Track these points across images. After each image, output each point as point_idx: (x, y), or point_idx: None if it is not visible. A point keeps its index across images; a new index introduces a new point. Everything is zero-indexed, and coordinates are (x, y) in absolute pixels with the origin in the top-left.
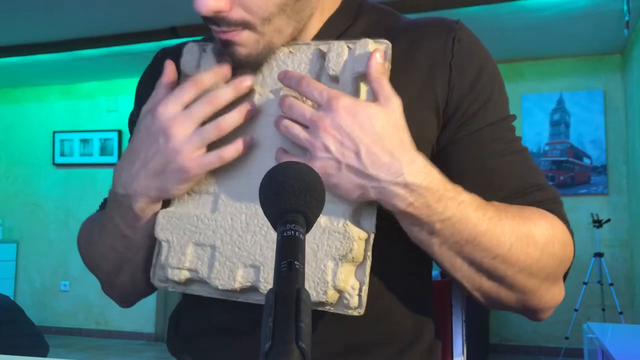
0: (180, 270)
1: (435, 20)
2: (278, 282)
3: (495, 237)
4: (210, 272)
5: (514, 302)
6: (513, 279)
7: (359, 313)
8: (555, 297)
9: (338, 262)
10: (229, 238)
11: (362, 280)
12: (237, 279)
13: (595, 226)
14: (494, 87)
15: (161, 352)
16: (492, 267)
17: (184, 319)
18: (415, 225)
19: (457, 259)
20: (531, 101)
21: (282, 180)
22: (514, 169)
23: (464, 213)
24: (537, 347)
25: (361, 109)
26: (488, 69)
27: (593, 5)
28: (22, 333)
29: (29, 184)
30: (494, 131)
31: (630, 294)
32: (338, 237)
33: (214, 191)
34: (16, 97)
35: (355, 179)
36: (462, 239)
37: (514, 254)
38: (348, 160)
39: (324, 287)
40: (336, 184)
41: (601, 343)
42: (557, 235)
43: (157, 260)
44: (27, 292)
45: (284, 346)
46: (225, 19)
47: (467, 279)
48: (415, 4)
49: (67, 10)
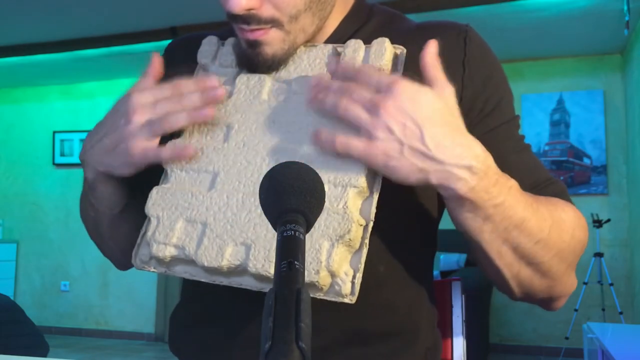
0: (165, 245)
1: (445, 22)
2: (278, 282)
3: (537, 222)
4: (197, 249)
5: (544, 290)
6: (549, 264)
7: (351, 301)
8: (573, 284)
9: (334, 243)
10: (222, 215)
11: (356, 267)
12: (225, 256)
13: (595, 226)
14: (505, 87)
15: (161, 352)
16: (534, 252)
17: (183, 312)
18: (470, 212)
19: (503, 246)
20: (531, 101)
21: (282, 180)
22: (526, 165)
23: (513, 198)
24: (537, 347)
25: (422, 93)
26: (498, 69)
27: (593, 5)
28: (22, 333)
29: (29, 184)
30: (507, 129)
31: (630, 294)
32: (336, 218)
33: (212, 169)
34: (16, 97)
35: (417, 162)
36: (511, 224)
37: (552, 238)
38: (412, 142)
39: (317, 266)
40: (396, 166)
41: (601, 343)
42: (580, 221)
43: (142, 240)
44: (27, 292)
45: (284, 346)
46: (255, 16)
47: (508, 266)
48: (415, 4)
49: (67, 10)
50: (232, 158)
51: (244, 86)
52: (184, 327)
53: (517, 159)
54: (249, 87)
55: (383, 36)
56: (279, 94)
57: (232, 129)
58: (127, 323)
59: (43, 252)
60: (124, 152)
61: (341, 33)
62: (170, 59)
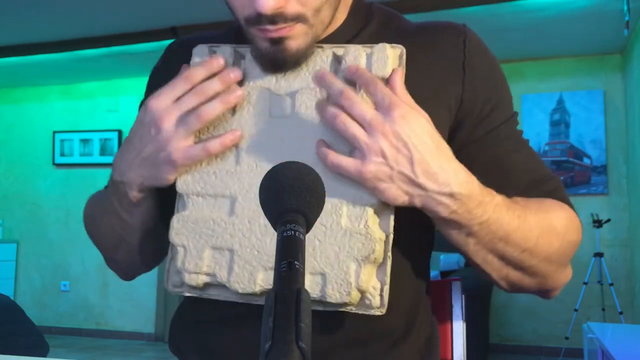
0: (197, 275)
1: (443, 24)
2: (278, 282)
3: (524, 233)
4: (229, 276)
5: (534, 286)
6: (537, 267)
7: (381, 312)
8: (567, 276)
9: (360, 263)
10: (247, 241)
11: (383, 280)
12: (257, 282)
13: (595, 226)
14: (504, 85)
15: (161, 352)
16: (520, 259)
17: (187, 313)
18: (454, 229)
19: (489, 255)
20: (531, 101)
21: (282, 180)
22: (526, 163)
23: (498, 215)
24: (537, 347)
25: (415, 117)
26: (497, 68)
27: (593, 5)
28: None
29: (29, 184)
30: (507, 128)
31: (630, 294)
32: (360, 239)
33: (230, 194)
34: (16, 97)
35: (404, 186)
36: (495, 237)
37: (539, 246)
38: (401, 167)
39: (348, 288)
40: (384, 188)
41: (601, 343)
42: (572, 223)
43: (171, 265)
44: (27, 292)
45: (284, 346)
46: (282, 14)
47: (496, 271)
48: (414, 4)
49: (67, 10)
50: (247, 181)
51: (245, 102)
52: (185, 328)
53: (515, 158)
54: (252, 103)
55: (384, 36)
56: (283, 108)
57: (241, 150)
58: (127, 323)
59: (43, 252)
60: (166, 159)
61: (345, 32)
62: (170, 60)
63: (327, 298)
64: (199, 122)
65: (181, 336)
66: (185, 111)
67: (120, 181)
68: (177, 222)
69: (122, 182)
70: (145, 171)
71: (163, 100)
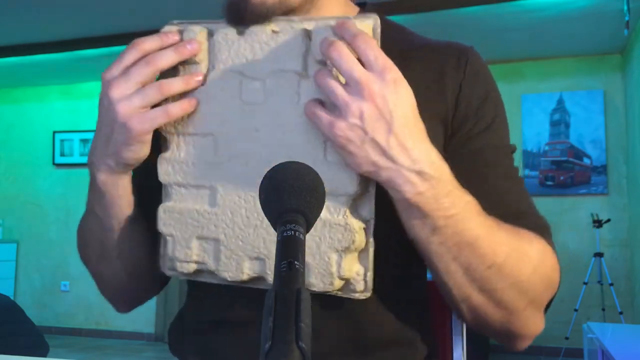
0: (188, 263)
1: (449, 43)
2: (278, 282)
3: (492, 245)
4: (217, 265)
5: (498, 322)
6: (502, 293)
7: (365, 296)
8: (537, 325)
9: (341, 254)
10: (231, 232)
11: (366, 265)
12: (244, 270)
13: (595, 226)
14: (498, 113)
15: (161, 352)
16: (486, 277)
17: (187, 316)
18: (418, 219)
19: (453, 263)
20: (531, 101)
21: (282, 180)
22: (509, 194)
23: (468, 213)
24: (537, 347)
25: (406, 85)
26: (494, 95)
27: (593, 5)
28: (22, 333)
29: (29, 184)
30: (494, 153)
31: (630, 294)
32: (339, 230)
33: (210, 185)
34: (16, 97)
35: (373, 155)
36: (462, 240)
37: (508, 266)
38: (376, 135)
39: (330, 278)
40: (352, 152)
41: (601, 343)
42: (548, 258)
43: (164, 251)
44: (27, 292)
45: (284, 346)
46: None
47: (458, 287)
48: (414, 4)
49: (67, 10)
50: (226, 172)
51: (217, 89)
52: (186, 331)
53: (496, 184)
54: (223, 89)
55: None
56: (255, 95)
57: (217, 140)
58: (127, 323)
59: (43, 252)
60: (121, 129)
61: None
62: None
63: (311, 287)
64: (158, 94)
65: (182, 339)
66: (135, 78)
67: (90, 164)
68: (162, 212)
69: (91, 165)
70: (106, 149)
71: (112, 70)
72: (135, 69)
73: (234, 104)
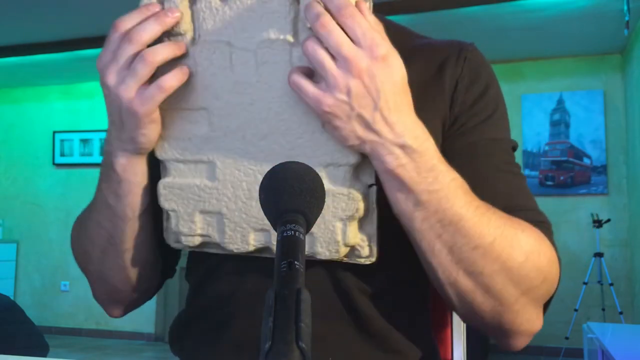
0: (192, 237)
1: (450, 41)
2: (278, 282)
3: (479, 226)
4: (222, 238)
5: (488, 312)
6: (491, 279)
7: (371, 261)
8: (532, 321)
9: (345, 222)
10: (234, 205)
11: (371, 232)
12: (250, 242)
13: (595, 226)
14: (496, 108)
15: (161, 352)
16: (472, 258)
17: (186, 316)
18: (401, 192)
19: (437, 242)
20: (531, 101)
21: (282, 180)
22: (506, 187)
23: (452, 190)
24: (537, 347)
25: (393, 58)
26: (492, 90)
27: (593, 5)
28: (22, 333)
29: (29, 184)
30: (490, 146)
31: (630, 294)
32: (342, 199)
33: (208, 159)
34: (16, 97)
35: (358, 129)
36: (445, 218)
37: (495, 249)
38: (362, 110)
39: (335, 246)
40: (338, 126)
41: (601, 343)
42: (544, 249)
43: (167, 224)
44: (27, 292)
45: (284, 346)
46: None
47: (442, 268)
48: (415, 4)
49: (67, 10)
50: (223, 147)
51: (206, 62)
52: (187, 326)
53: (493, 177)
54: (212, 62)
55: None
56: (247, 67)
57: (212, 114)
58: (127, 323)
59: (43, 252)
60: (128, 114)
61: None
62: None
63: (317, 255)
64: (145, 66)
65: (183, 334)
66: (124, 58)
67: (106, 152)
68: (162, 188)
69: (107, 153)
70: (122, 134)
71: (103, 57)
72: (120, 50)
73: (226, 77)
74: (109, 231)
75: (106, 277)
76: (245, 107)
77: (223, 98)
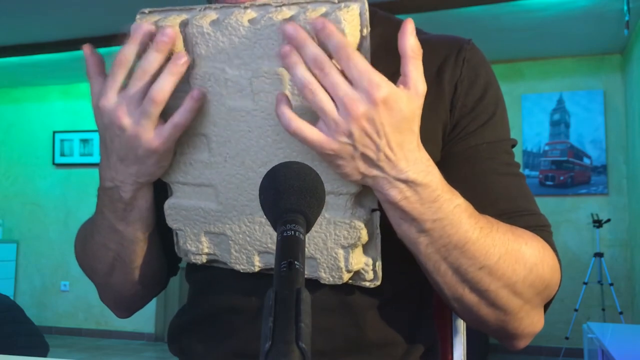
0: (200, 255)
1: (447, 38)
2: (278, 282)
3: (484, 247)
4: (229, 258)
5: (493, 322)
6: (496, 294)
7: (375, 285)
8: (534, 324)
9: (348, 249)
10: (237, 228)
11: (374, 256)
12: (255, 263)
13: (595, 226)
14: (497, 109)
15: (161, 352)
16: (477, 278)
17: (186, 316)
18: (405, 221)
19: (443, 263)
20: (531, 101)
21: (282, 180)
22: (507, 190)
23: (457, 217)
24: (537, 347)
25: (395, 99)
26: (492, 90)
27: (593, 5)
28: (22, 333)
29: (29, 184)
30: (491, 149)
31: (630, 294)
32: (344, 227)
33: (210, 184)
34: (16, 97)
35: (362, 166)
36: (450, 243)
37: (501, 268)
38: (365, 151)
39: (339, 272)
40: (342, 165)
41: (601, 343)
42: (546, 259)
43: (176, 240)
44: (27, 292)
45: (284, 346)
46: None
47: (448, 286)
48: (415, 4)
49: (67, 10)
50: (224, 172)
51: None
52: (186, 334)
53: (493, 180)
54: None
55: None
56: (242, 95)
57: (211, 140)
58: (127, 323)
59: (43, 252)
60: (146, 153)
61: None
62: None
63: (321, 280)
64: (156, 106)
65: (183, 337)
66: (137, 98)
67: (112, 187)
68: (169, 208)
69: (114, 187)
70: (133, 169)
71: (109, 96)
72: (131, 88)
73: (222, 105)
74: (117, 252)
75: (115, 288)
76: (244, 134)
77: (221, 125)
